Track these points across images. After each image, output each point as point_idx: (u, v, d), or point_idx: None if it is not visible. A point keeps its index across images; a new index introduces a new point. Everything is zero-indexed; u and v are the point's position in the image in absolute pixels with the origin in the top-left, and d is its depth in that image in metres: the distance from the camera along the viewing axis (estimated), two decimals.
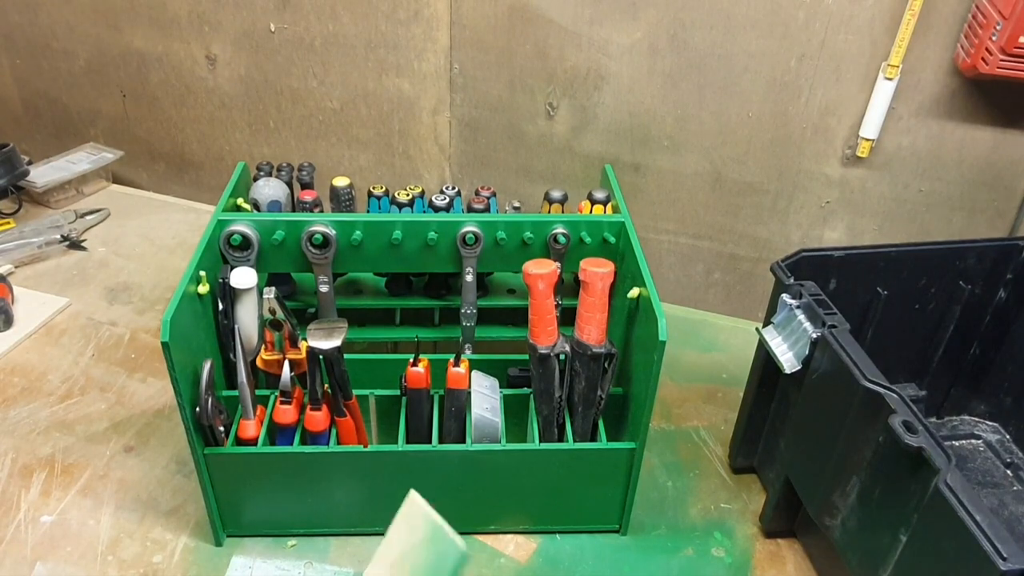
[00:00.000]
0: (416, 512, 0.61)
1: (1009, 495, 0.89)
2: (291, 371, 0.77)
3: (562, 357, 0.78)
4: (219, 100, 1.33)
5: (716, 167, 1.16)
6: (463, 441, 0.78)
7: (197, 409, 0.71)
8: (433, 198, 0.93)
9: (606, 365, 0.77)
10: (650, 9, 1.06)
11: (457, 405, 0.78)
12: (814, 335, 0.72)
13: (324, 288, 0.87)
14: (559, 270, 0.83)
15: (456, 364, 0.77)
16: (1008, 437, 0.96)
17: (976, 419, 0.98)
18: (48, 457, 0.88)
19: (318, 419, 0.76)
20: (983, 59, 0.91)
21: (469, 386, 0.79)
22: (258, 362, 0.82)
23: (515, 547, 0.81)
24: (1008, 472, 0.92)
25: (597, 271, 0.74)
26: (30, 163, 1.32)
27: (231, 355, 0.79)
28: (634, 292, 0.78)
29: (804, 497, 0.77)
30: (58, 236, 1.23)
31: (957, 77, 1.00)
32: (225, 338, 0.81)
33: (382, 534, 0.81)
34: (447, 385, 0.78)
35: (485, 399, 0.79)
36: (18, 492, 0.84)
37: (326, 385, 0.77)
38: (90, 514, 0.82)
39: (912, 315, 0.88)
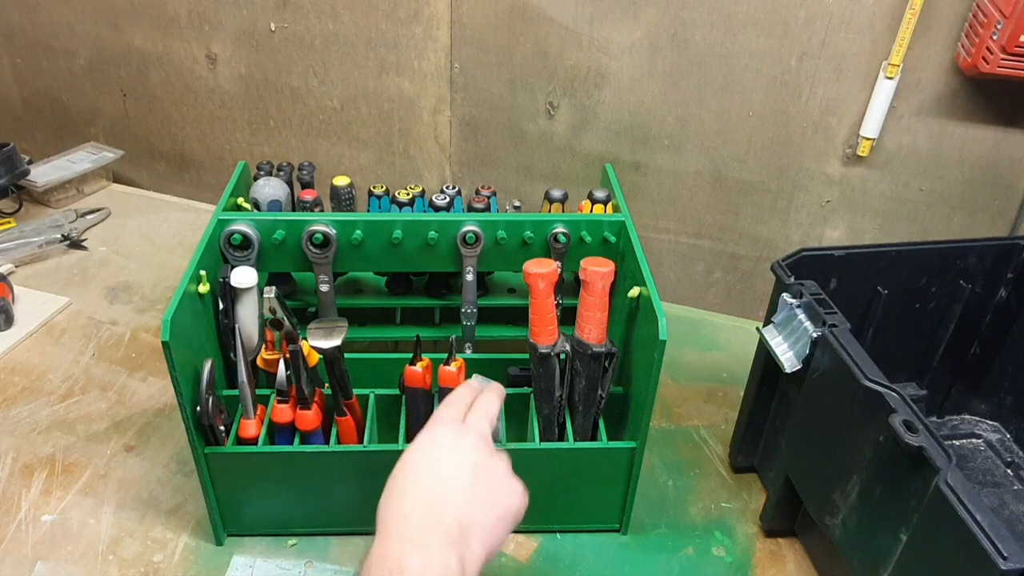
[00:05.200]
0: None
1: (1010, 494, 0.89)
2: (287, 369, 0.76)
3: (562, 356, 0.78)
4: (219, 99, 1.33)
5: (716, 166, 1.15)
6: None
7: (198, 408, 0.71)
8: (433, 197, 0.93)
9: (606, 364, 0.77)
10: (650, 8, 1.06)
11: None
12: (814, 334, 0.72)
13: (324, 287, 0.87)
14: (559, 269, 0.84)
15: (448, 363, 0.77)
16: (1009, 436, 0.96)
17: (977, 418, 0.98)
18: (49, 456, 0.88)
19: (308, 418, 0.76)
20: (984, 58, 0.91)
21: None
22: (258, 361, 0.82)
23: (515, 546, 0.81)
24: (1009, 471, 0.92)
25: (598, 270, 0.74)
26: (30, 162, 1.32)
27: (231, 354, 0.79)
28: (634, 291, 0.78)
29: (804, 496, 0.77)
30: (58, 235, 1.23)
31: (958, 76, 1.00)
32: (225, 337, 0.81)
33: None
34: (439, 384, 0.78)
35: None
36: (19, 491, 0.84)
37: (327, 384, 0.77)
38: (91, 513, 0.82)
39: (913, 314, 0.88)
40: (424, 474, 0.55)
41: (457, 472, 0.55)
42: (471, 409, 0.62)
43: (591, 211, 0.95)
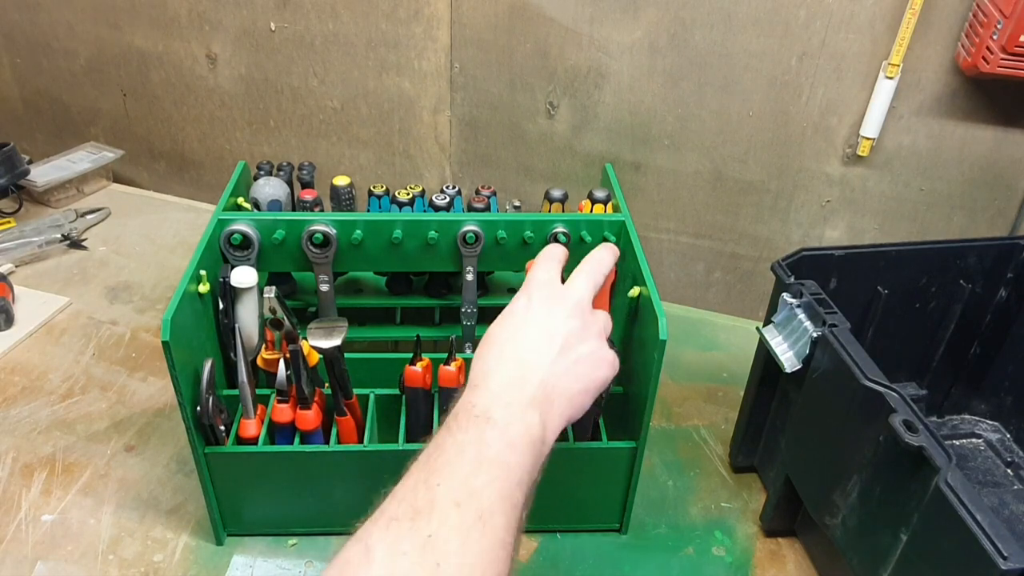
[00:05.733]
0: None
1: (1010, 494, 0.89)
2: (287, 369, 0.76)
3: None
4: (219, 99, 1.33)
5: (717, 166, 1.15)
6: None
7: (198, 408, 0.71)
8: (433, 197, 0.93)
9: None
10: (650, 8, 1.06)
11: (450, 404, 0.78)
12: (815, 334, 0.72)
13: (324, 287, 0.87)
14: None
15: (448, 363, 0.77)
16: (1009, 436, 0.96)
17: (977, 418, 0.98)
18: (49, 456, 0.88)
19: (308, 418, 0.76)
20: (984, 58, 0.91)
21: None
22: (259, 361, 0.82)
23: None
24: (1009, 471, 0.92)
25: None
26: (30, 162, 1.32)
27: (232, 354, 0.79)
28: (634, 291, 0.78)
29: (804, 496, 0.77)
30: (59, 235, 1.23)
31: (958, 76, 1.00)
32: (225, 337, 0.81)
33: None
34: (439, 384, 0.78)
35: None
36: (19, 491, 0.84)
37: (327, 384, 0.77)
38: (91, 513, 0.82)
39: (913, 314, 0.88)
40: (514, 340, 0.57)
41: (545, 343, 0.56)
42: (578, 268, 0.62)
43: (591, 211, 0.95)
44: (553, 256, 0.63)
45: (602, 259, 0.64)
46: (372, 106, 1.26)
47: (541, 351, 0.56)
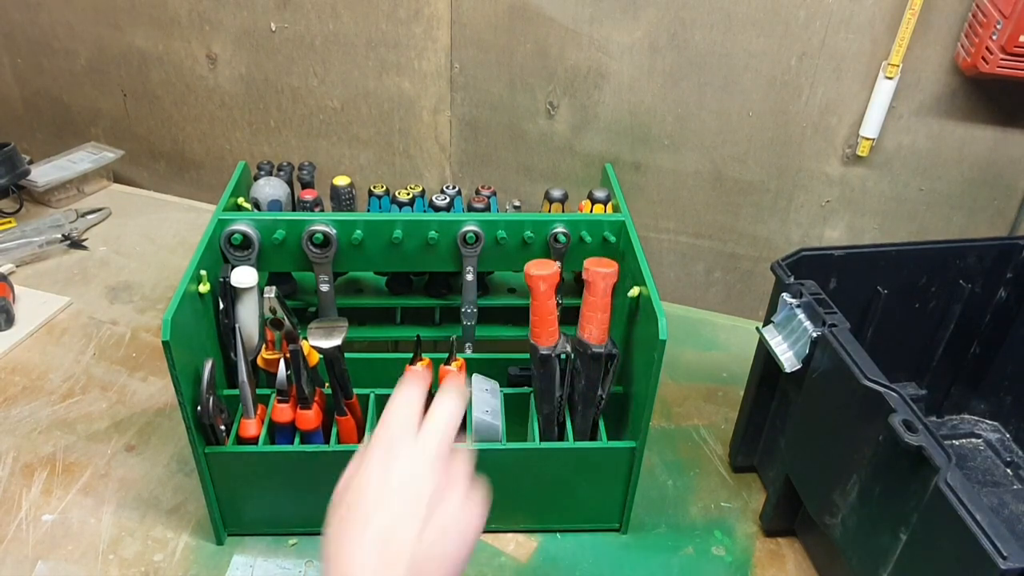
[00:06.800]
0: None
1: (1009, 494, 0.89)
2: (287, 369, 0.77)
3: (563, 357, 0.78)
4: (220, 99, 1.33)
5: (716, 166, 1.16)
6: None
7: (198, 408, 0.72)
8: (433, 197, 0.93)
9: (607, 365, 0.77)
10: (650, 8, 1.06)
11: None
12: (814, 334, 0.72)
13: (324, 287, 0.87)
14: (560, 270, 0.84)
15: (448, 363, 0.77)
16: (1008, 436, 0.96)
17: (976, 418, 0.98)
18: (49, 456, 0.88)
19: (308, 418, 0.76)
20: (983, 58, 0.91)
21: (468, 387, 0.79)
22: (259, 361, 0.82)
23: (515, 546, 0.81)
24: (1008, 471, 0.92)
25: (600, 271, 0.74)
26: (31, 162, 1.32)
27: (232, 354, 0.79)
28: (634, 291, 0.78)
29: (804, 496, 0.77)
30: (59, 235, 1.23)
31: (957, 76, 1.00)
32: (226, 337, 0.81)
33: None
34: (440, 384, 0.78)
35: (486, 402, 0.79)
36: (19, 491, 0.84)
37: (327, 383, 0.77)
38: (91, 513, 0.82)
39: (912, 314, 0.89)
40: (376, 509, 0.51)
41: (411, 508, 0.51)
42: (427, 423, 0.55)
43: (591, 211, 0.95)
44: (410, 401, 0.55)
45: (448, 416, 0.55)
46: (372, 106, 1.26)
47: (408, 521, 0.50)
